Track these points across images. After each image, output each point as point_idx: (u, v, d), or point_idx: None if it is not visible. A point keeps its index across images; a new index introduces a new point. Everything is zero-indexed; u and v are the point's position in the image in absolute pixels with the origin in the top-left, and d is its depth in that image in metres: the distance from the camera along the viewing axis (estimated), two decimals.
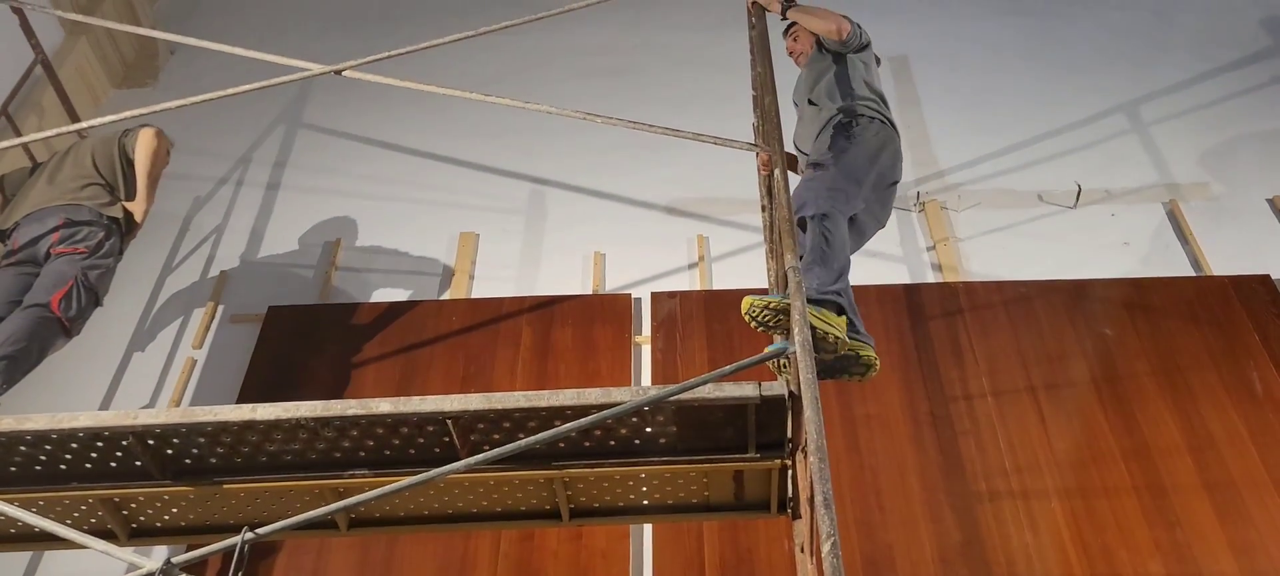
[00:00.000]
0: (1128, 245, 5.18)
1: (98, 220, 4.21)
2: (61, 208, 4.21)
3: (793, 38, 4.22)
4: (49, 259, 4.10)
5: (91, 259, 4.09)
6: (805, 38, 4.14)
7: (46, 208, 4.22)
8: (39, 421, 2.95)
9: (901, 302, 4.82)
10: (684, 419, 3.00)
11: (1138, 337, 4.55)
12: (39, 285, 3.99)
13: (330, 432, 3.00)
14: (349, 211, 5.71)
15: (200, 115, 6.03)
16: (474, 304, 5.04)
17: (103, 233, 4.19)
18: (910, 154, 5.77)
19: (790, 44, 4.24)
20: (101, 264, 4.13)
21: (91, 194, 4.27)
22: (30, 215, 4.22)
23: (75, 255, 4.06)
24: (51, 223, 4.16)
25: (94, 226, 4.18)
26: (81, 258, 4.06)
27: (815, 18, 3.96)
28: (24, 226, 4.20)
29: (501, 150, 5.99)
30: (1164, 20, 6.63)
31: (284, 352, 4.85)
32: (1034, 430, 4.23)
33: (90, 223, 4.18)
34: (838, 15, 3.95)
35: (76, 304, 3.96)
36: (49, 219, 4.18)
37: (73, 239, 4.12)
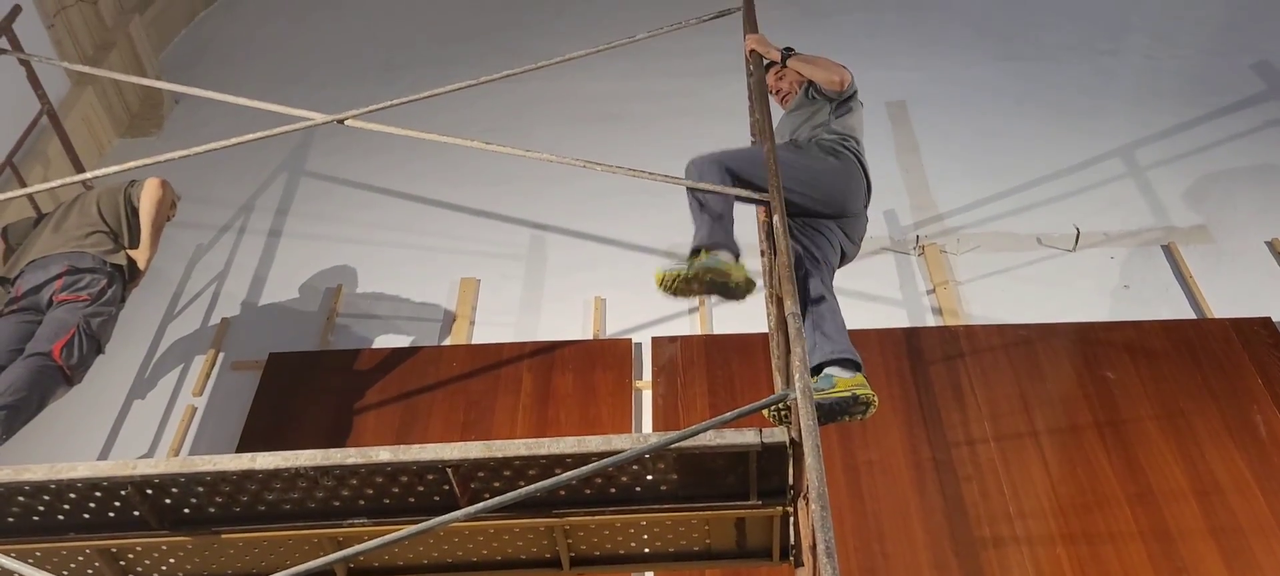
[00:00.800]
0: (1128, 288, 5.18)
1: (101, 267, 4.22)
2: (66, 255, 4.23)
3: (778, 76, 4.21)
4: (51, 306, 4.10)
5: (94, 306, 4.09)
6: (792, 78, 4.15)
7: (51, 255, 4.24)
8: (37, 471, 2.94)
9: (902, 346, 4.82)
10: (685, 466, 2.99)
11: (1140, 381, 4.54)
12: (41, 333, 3.99)
13: (329, 481, 2.99)
14: (350, 258, 5.73)
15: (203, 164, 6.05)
16: (474, 349, 5.04)
17: (106, 280, 4.20)
18: (908, 198, 5.82)
19: (775, 82, 4.23)
20: (104, 311, 4.14)
21: (96, 242, 4.29)
22: (34, 262, 4.24)
23: (77, 303, 4.07)
24: (55, 270, 4.17)
25: (97, 273, 4.19)
26: (84, 305, 4.07)
27: (816, 67, 3.99)
28: (28, 273, 4.22)
29: (502, 196, 6.02)
30: (1156, 65, 6.69)
31: (285, 399, 4.84)
32: (1037, 475, 4.21)
33: (93, 270, 4.19)
34: (837, 65, 3.99)
35: (78, 352, 3.96)
36: (52, 266, 4.19)
37: (76, 286, 4.13)
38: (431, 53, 7.26)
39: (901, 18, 7.36)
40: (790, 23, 7.15)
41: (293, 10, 7.96)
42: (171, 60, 7.45)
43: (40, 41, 5.98)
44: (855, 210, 3.79)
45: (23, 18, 4.86)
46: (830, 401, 3.24)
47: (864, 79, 6.76)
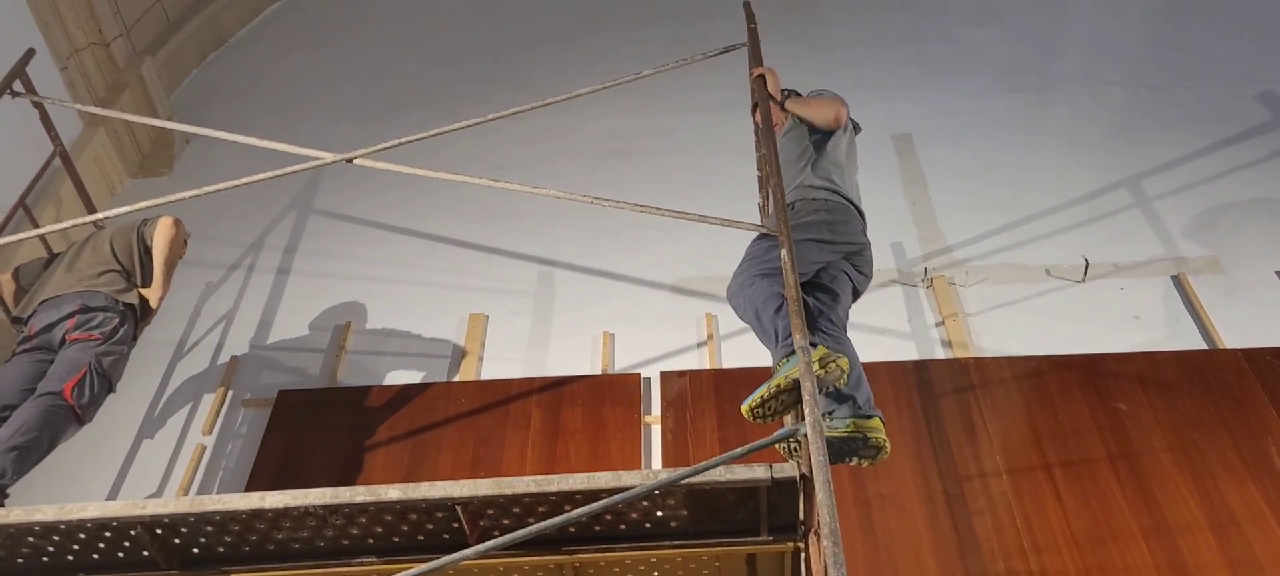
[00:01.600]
0: (1138, 319, 5.16)
1: (113, 306, 4.24)
2: (78, 294, 4.25)
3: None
4: (64, 345, 4.11)
5: (106, 345, 4.10)
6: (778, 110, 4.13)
7: (63, 294, 4.26)
8: (47, 512, 2.95)
9: (911, 379, 4.80)
10: (695, 502, 2.98)
11: (1152, 412, 4.52)
12: (53, 372, 4.00)
13: (339, 520, 2.99)
14: (359, 295, 5.74)
15: (213, 203, 6.13)
16: (483, 386, 5.04)
17: (118, 319, 4.21)
18: (916, 230, 5.82)
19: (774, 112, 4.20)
20: (115, 350, 4.15)
21: (108, 280, 4.31)
22: (47, 301, 4.26)
23: (89, 342, 4.08)
24: (67, 309, 4.19)
25: (109, 312, 4.21)
26: (95, 344, 4.08)
27: (815, 109, 3.99)
28: (41, 313, 4.24)
29: (510, 232, 6.04)
30: (1163, 96, 6.70)
31: (294, 437, 4.84)
32: (1051, 508, 4.18)
33: (105, 309, 4.21)
34: (832, 102, 3.99)
35: (89, 391, 3.96)
36: (65, 305, 4.21)
37: (88, 325, 4.14)
38: (439, 92, 7.31)
39: (907, 51, 7.40)
40: (797, 57, 7.21)
41: (301, 51, 8.04)
42: (182, 101, 7.52)
43: (54, 84, 6.06)
44: (859, 242, 3.77)
45: (37, 60, 4.91)
46: (839, 440, 3.21)
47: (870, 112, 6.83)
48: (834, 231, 3.69)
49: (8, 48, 4.92)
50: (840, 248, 3.68)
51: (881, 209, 5.95)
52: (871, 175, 6.19)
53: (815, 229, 3.65)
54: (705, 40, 4.84)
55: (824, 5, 8.01)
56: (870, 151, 6.40)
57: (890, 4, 7.97)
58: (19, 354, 4.17)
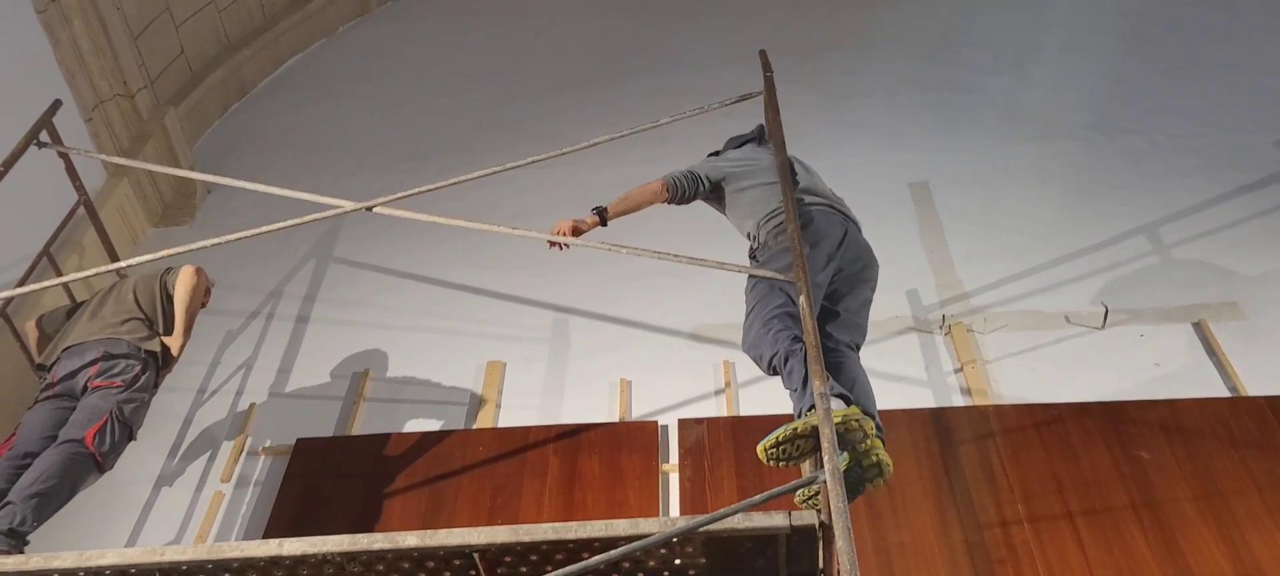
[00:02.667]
0: (1159, 366, 5.13)
1: (135, 354, 4.27)
2: (101, 341, 4.29)
3: None
4: (86, 392, 4.15)
5: (127, 392, 4.13)
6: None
7: (86, 342, 4.30)
8: (66, 559, 2.96)
9: (929, 427, 4.77)
10: (713, 549, 2.96)
11: (1176, 461, 4.47)
12: (74, 420, 4.02)
13: (356, 567, 2.98)
14: (377, 343, 5.77)
15: (234, 252, 6.16)
16: (500, 433, 5.04)
17: (139, 366, 4.25)
18: (933, 277, 5.82)
19: None
20: (137, 398, 4.18)
21: (131, 328, 4.35)
22: (69, 349, 4.30)
23: (111, 389, 4.11)
24: (90, 356, 4.23)
25: (131, 360, 4.24)
26: (117, 392, 4.11)
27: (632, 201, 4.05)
28: (64, 360, 4.28)
29: (528, 280, 6.07)
30: (1181, 143, 6.70)
31: (312, 485, 4.84)
32: (1074, 557, 4.13)
33: (128, 356, 4.25)
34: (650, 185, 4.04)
35: (110, 439, 3.99)
36: (88, 353, 4.25)
37: (110, 372, 4.18)
38: (457, 142, 7.38)
39: (923, 99, 7.44)
40: (812, 107, 7.27)
41: (322, 102, 8.15)
42: (205, 151, 7.62)
43: (79, 134, 6.16)
44: (836, 238, 3.86)
45: (63, 112, 4.99)
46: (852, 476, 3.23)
47: (887, 160, 6.88)
48: (814, 248, 3.76)
49: (35, 99, 5.00)
50: (826, 259, 3.74)
51: (898, 256, 5.97)
52: (888, 223, 6.24)
53: (789, 255, 3.67)
54: (721, 90, 4.88)
55: (840, 54, 8.07)
56: (887, 199, 6.46)
57: (907, 53, 8.02)
58: (41, 401, 4.20)
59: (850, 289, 3.86)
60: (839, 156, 6.89)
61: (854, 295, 3.87)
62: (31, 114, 4.82)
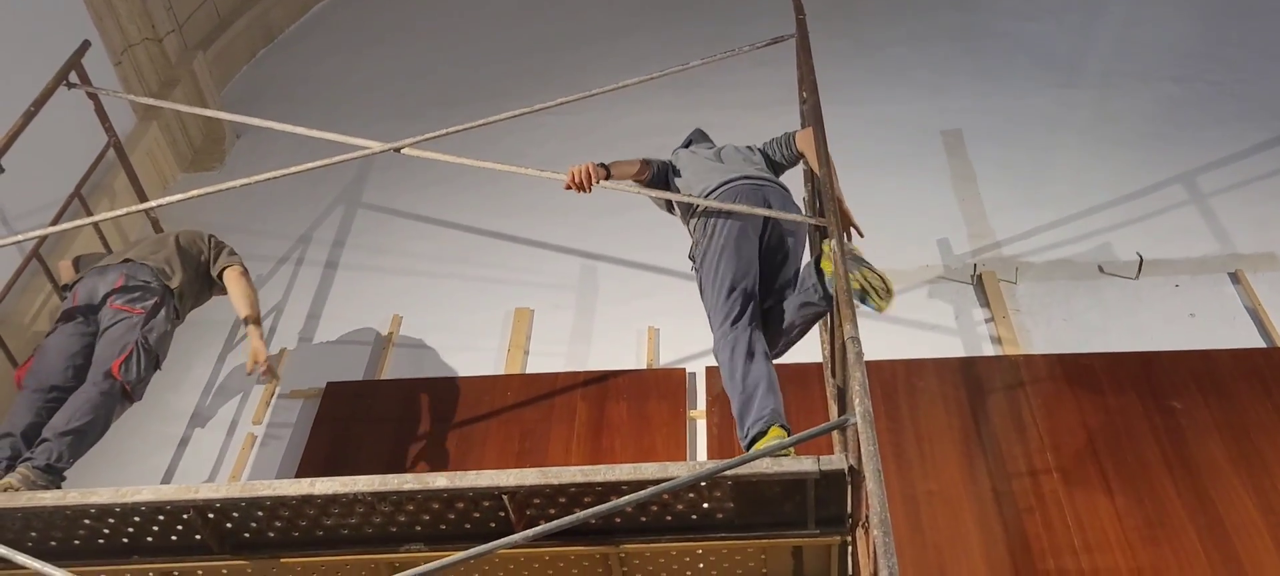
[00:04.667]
0: (1194, 316, 5.06)
1: (156, 283, 4.27)
2: (125, 264, 4.31)
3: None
4: (103, 307, 4.13)
5: (149, 322, 4.13)
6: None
7: (111, 265, 4.33)
8: (103, 495, 3.01)
9: (959, 376, 4.74)
10: (741, 494, 2.97)
11: (1208, 411, 4.42)
12: (101, 355, 4.02)
13: (386, 507, 3.01)
14: (406, 289, 5.79)
15: (262, 197, 6.23)
16: (528, 379, 5.06)
17: (157, 298, 4.24)
18: (965, 226, 5.75)
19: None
20: (159, 327, 4.18)
21: (160, 259, 4.37)
22: (95, 269, 4.33)
23: (133, 317, 4.11)
24: (112, 277, 4.24)
25: (151, 289, 4.24)
26: (140, 320, 4.11)
27: (620, 171, 3.97)
28: (87, 280, 4.28)
29: (556, 227, 6.05)
30: (1221, 91, 6.56)
31: (342, 428, 4.88)
32: (1103, 506, 4.10)
33: (147, 286, 4.24)
34: (634, 161, 4.00)
35: (137, 368, 4.01)
36: (111, 274, 4.27)
37: (130, 297, 4.17)
38: (486, 88, 7.34)
39: (956, 47, 7.31)
40: (843, 54, 7.18)
41: (350, 48, 8.12)
42: (233, 97, 7.62)
43: (108, 78, 6.17)
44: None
45: (92, 55, 5.01)
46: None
47: (919, 109, 6.78)
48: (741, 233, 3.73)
49: (64, 41, 5.01)
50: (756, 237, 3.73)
51: (929, 205, 5.91)
52: (920, 171, 6.17)
53: (721, 233, 3.71)
54: (752, 36, 4.81)
55: (872, 2, 7.94)
56: (919, 148, 6.38)
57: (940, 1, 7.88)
58: (61, 323, 4.18)
59: (778, 244, 3.82)
60: (871, 105, 6.80)
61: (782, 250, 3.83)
62: (60, 56, 4.84)
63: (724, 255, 3.71)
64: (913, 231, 5.72)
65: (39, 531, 3.09)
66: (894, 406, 4.60)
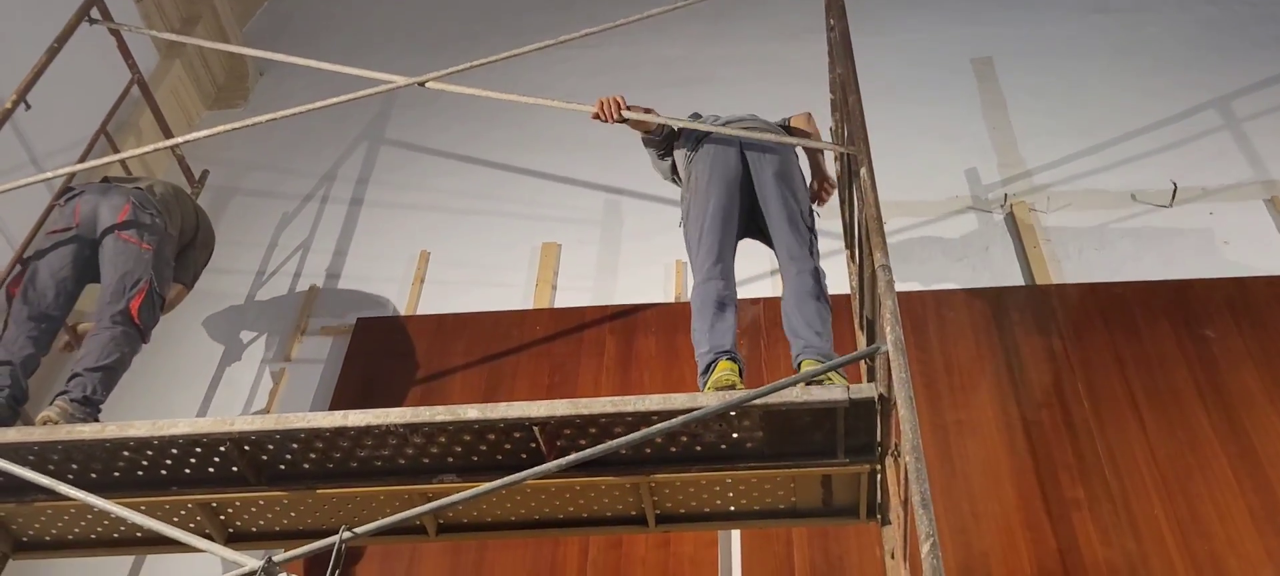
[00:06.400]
0: (1228, 244, 4.98)
1: (160, 221, 4.15)
2: (133, 191, 4.15)
3: None
4: (108, 236, 3.99)
5: (157, 262, 4.04)
6: None
7: (114, 187, 4.17)
8: (140, 428, 3.04)
9: (989, 306, 4.71)
10: (771, 423, 2.97)
11: (1242, 338, 4.37)
12: (112, 287, 3.91)
13: (419, 438, 3.03)
14: (432, 225, 5.79)
15: (288, 134, 6.22)
16: (557, 313, 5.07)
17: (158, 239, 4.11)
18: (995, 155, 5.68)
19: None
20: (165, 271, 4.11)
21: (165, 199, 4.28)
22: (96, 187, 4.16)
23: (142, 251, 3.99)
24: (117, 203, 4.06)
25: (157, 224, 4.11)
26: (149, 257, 4.00)
27: (637, 118, 3.90)
28: (87, 197, 4.10)
29: (581, 162, 6.02)
30: (1259, 12, 6.39)
31: (373, 363, 4.92)
32: (1134, 435, 4.09)
33: (154, 222, 4.10)
34: (653, 115, 3.95)
35: (152, 311, 3.97)
36: (114, 196, 4.08)
37: (139, 226, 4.02)
38: (509, 22, 7.25)
39: None
40: None
41: None
42: (254, 33, 7.58)
43: (129, 13, 6.13)
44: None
45: None
46: None
47: (949, 35, 6.66)
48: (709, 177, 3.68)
49: None
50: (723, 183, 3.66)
51: (959, 134, 5.83)
52: (950, 100, 6.08)
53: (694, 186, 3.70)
54: None
55: None
56: (949, 75, 6.28)
57: None
58: (55, 245, 4.01)
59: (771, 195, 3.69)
60: (901, 32, 6.68)
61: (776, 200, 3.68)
62: None
63: (693, 211, 3.66)
64: (942, 161, 5.65)
65: (80, 463, 3.14)
66: (923, 337, 4.58)
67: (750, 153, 3.70)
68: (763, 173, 3.68)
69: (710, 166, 3.71)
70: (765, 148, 3.70)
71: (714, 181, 3.67)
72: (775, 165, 3.68)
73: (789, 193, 3.66)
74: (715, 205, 3.62)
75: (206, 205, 5.98)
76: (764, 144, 3.70)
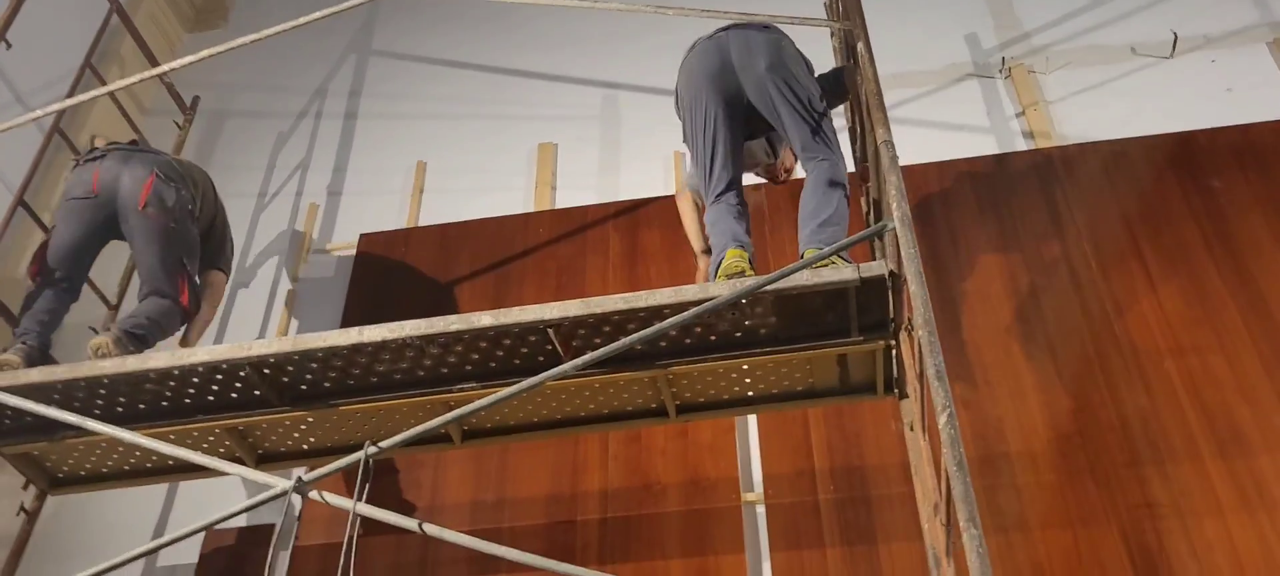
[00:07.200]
0: (1231, 91, 4.93)
1: (187, 192, 4.01)
2: (155, 158, 4.04)
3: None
4: (133, 211, 3.83)
5: (188, 239, 3.95)
6: None
7: (137, 153, 4.05)
8: (160, 359, 3.08)
9: (992, 174, 4.68)
10: (783, 308, 2.99)
11: (1248, 186, 4.35)
12: (152, 266, 3.82)
13: (435, 350, 3.06)
14: (427, 134, 5.74)
15: (273, 52, 6.05)
16: (559, 214, 5.05)
17: (183, 216, 3.95)
18: (991, 19, 5.58)
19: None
20: (195, 250, 4.03)
21: (187, 172, 4.14)
22: (118, 152, 4.02)
23: (170, 228, 3.86)
24: (139, 173, 3.90)
25: (182, 198, 3.96)
26: (181, 243, 3.90)
27: None
28: (109, 163, 3.94)
29: (573, 58, 5.93)
30: None
31: (380, 278, 4.94)
32: (1142, 292, 4.11)
33: (180, 194, 3.95)
34: None
35: (197, 296, 3.99)
36: (137, 167, 3.92)
37: (163, 203, 3.86)
38: None
39: None
40: None
41: None
42: None
43: None
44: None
45: None
46: None
47: None
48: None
49: None
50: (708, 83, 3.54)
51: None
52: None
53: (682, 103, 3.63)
54: None
55: None
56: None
57: None
58: (73, 212, 3.91)
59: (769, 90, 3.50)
60: None
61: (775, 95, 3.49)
62: None
63: (688, 131, 3.55)
64: (939, 27, 5.56)
65: (105, 398, 3.18)
66: (927, 210, 4.57)
67: (736, 52, 3.49)
68: (752, 70, 3.47)
69: (690, 81, 3.55)
70: (750, 45, 3.49)
71: (698, 97, 3.50)
72: (766, 58, 3.47)
73: (785, 85, 3.45)
74: (704, 119, 3.47)
75: (201, 132, 5.96)
76: (749, 42, 3.50)
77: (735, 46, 3.50)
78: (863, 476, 3.82)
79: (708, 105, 3.49)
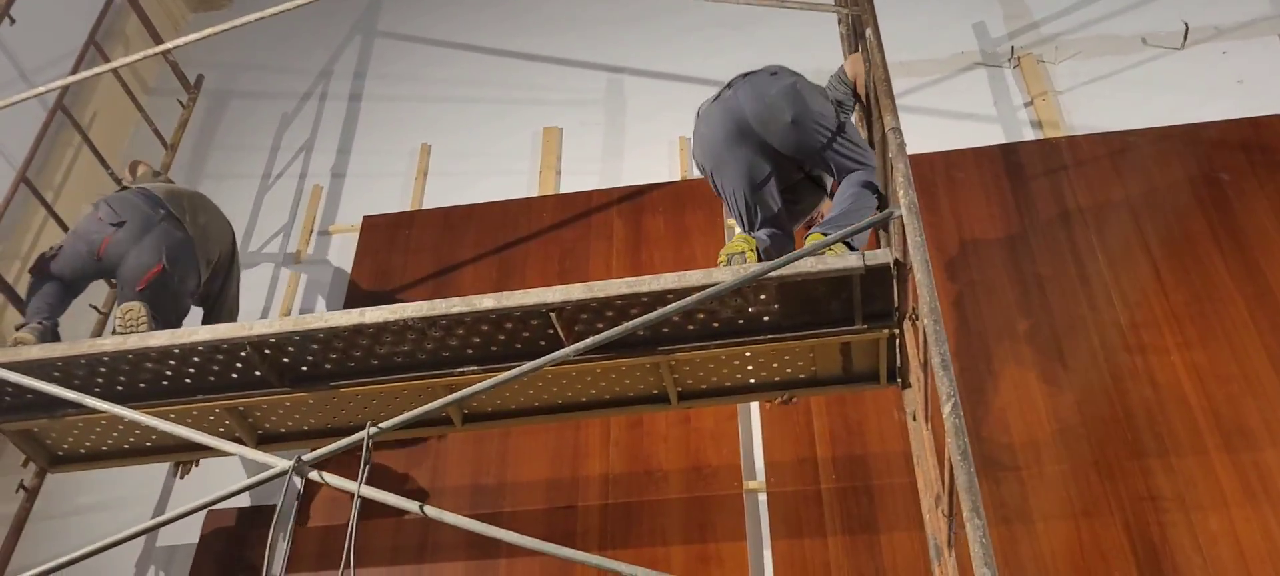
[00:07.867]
0: (1242, 83, 4.89)
1: (191, 286, 3.94)
2: (171, 241, 3.81)
3: None
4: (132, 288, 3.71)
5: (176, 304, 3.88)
6: None
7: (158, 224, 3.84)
8: (160, 338, 3.07)
9: (999, 164, 4.65)
10: (787, 295, 2.97)
11: (1257, 179, 4.32)
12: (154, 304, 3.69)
13: (437, 332, 3.05)
14: (431, 117, 5.72)
15: (278, 33, 6.08)
16: (563, 199, 5.03)
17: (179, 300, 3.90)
18: (1001, 7, 5.54)
19: None
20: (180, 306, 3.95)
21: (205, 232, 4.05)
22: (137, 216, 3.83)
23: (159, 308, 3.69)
24: (149, 260, 3.75)
25: (183, 290, 3.90)
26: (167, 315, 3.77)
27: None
28: (121, 236, 3.77)
29: (577, 42, 5.90)
30: None
31: (383, 261, 4.93)
32: (1149, 284, 4.08)
33: (179, 291, 3.86)
34: None
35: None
36: (148, 251, 3.75)
37: (160, 289, 3.74)
38: None
39: None
40: None
41: None
42: None
43: None
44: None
45: None
46: None
47: None
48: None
49: None
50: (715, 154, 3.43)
51: None
52: None
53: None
54: None
55: None
56: None
57: None
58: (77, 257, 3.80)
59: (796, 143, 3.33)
60: None
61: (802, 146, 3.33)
62: None
63: (717, 190, 3.45)
64: (948, 15, 5.52)
65: (105, 376, 3.17)
66: (933, 199, 4.54)
67: (752, 111, 3.30)
68: (777, 123, 3.28)
69: (708, 152, 3.42)
70: (765, 98, 3.30)
71: (721, 167, 3.37)
72: (791, 110, 3.26)
73: (816, 126, 3.28)
74: (733, 191, 3.34)
75: (204, 111, 5.94)
76: (762, 94, 3.31)
77: (748, 104, 3.32)
78: (865, 465, 3.81)
79: (730, 174, 3.35)
